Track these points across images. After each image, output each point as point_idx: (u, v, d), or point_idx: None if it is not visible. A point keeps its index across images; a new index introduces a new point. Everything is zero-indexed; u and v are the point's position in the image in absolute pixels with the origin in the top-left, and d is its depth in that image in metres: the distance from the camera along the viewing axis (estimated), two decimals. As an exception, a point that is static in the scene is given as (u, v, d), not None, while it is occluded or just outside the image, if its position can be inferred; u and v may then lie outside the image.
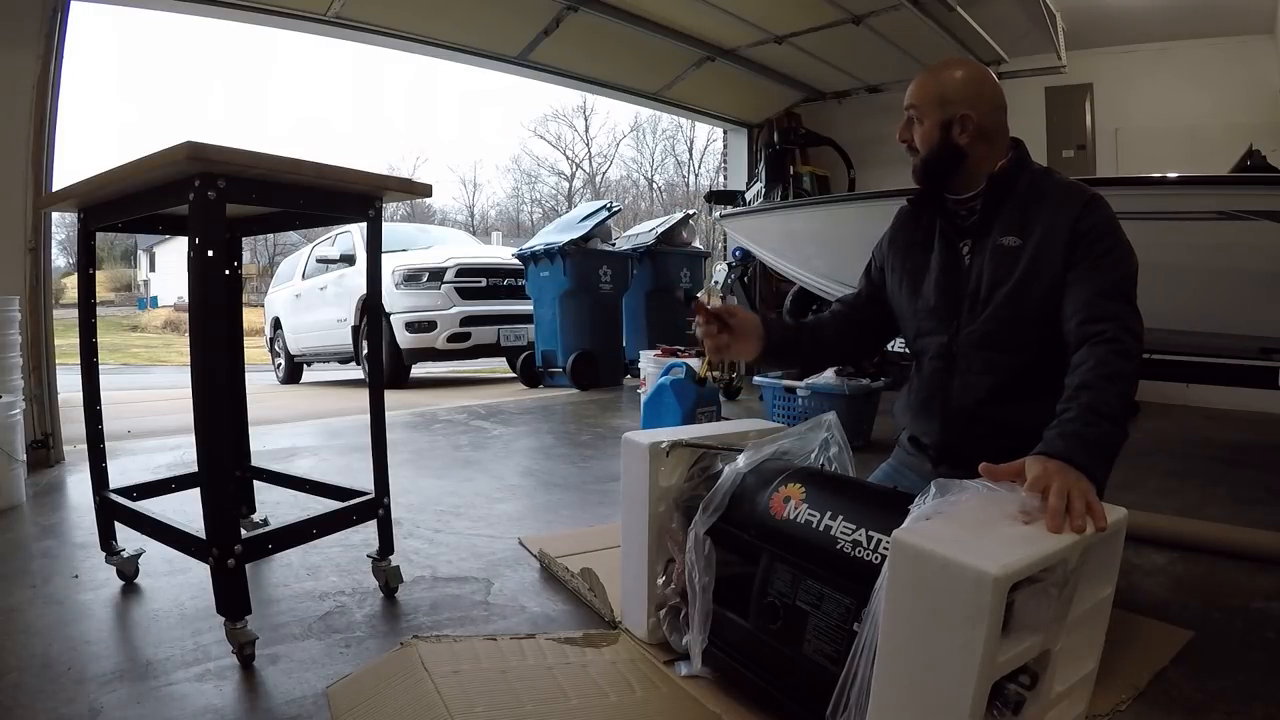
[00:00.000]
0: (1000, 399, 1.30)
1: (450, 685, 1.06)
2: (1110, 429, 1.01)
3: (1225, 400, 3.88)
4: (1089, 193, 1.27)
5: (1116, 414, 1.03)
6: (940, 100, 1.32)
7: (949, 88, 1.32)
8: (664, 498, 1.23)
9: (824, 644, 0.94)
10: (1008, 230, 1.29)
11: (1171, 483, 2.46)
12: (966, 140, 1.31)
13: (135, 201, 1.36)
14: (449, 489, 2.41)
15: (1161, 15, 4.29)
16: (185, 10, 3.44)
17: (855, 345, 1.58)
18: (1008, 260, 1.28)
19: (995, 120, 1.33)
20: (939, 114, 1.32)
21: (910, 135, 1.36)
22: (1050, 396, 1.14)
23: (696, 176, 27.53)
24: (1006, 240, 1.29)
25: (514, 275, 5.89)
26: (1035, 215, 1.28)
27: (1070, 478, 0.88)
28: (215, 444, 1.23)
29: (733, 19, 4.25)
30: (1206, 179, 2.49)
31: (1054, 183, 1.31)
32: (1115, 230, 1.23)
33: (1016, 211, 1.30)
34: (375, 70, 55.18)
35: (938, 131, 1.32)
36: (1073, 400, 1.05)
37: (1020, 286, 1.26)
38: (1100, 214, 1.24)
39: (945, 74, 1.34)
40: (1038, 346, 1.26)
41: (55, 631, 1.35)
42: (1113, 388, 1.05)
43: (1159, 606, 1.45)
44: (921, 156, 1.35)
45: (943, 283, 1.37)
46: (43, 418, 2.74)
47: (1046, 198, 1.28)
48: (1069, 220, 1.23)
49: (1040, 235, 1.25)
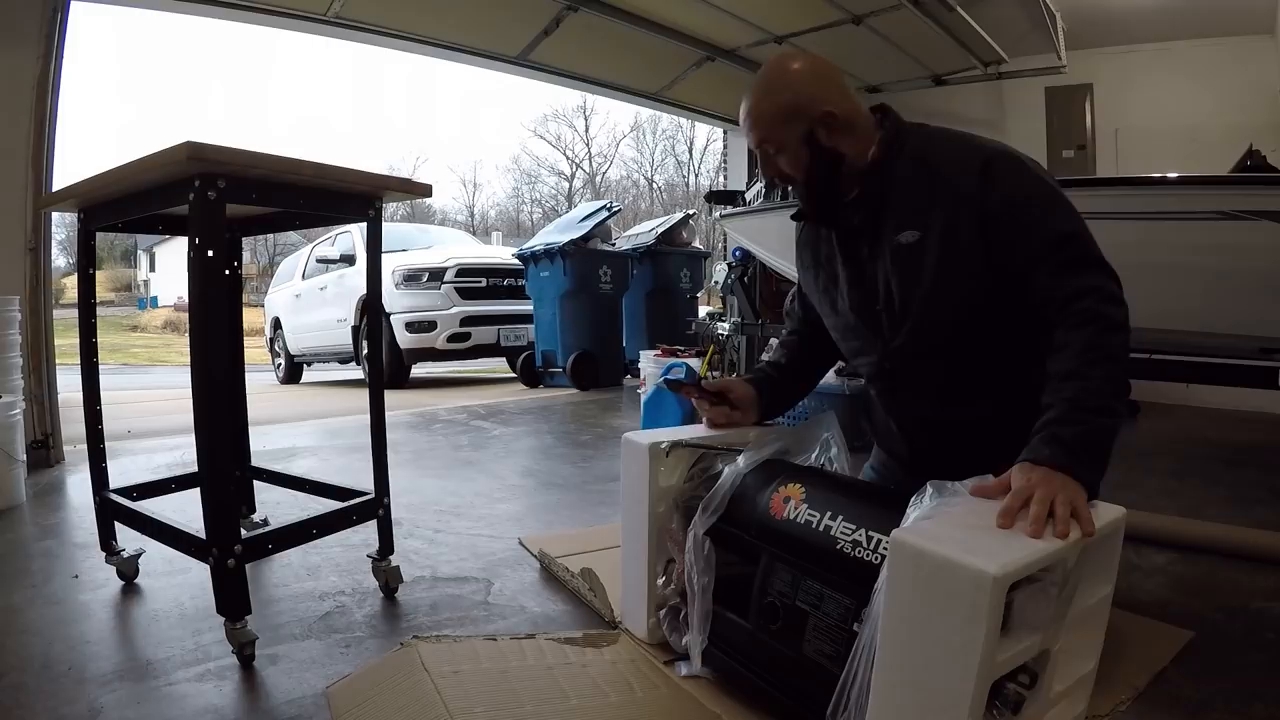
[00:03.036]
0: (951, 404, 1.19)
1: (450, 685, 1.06)
2: (1099, 422, 0.92)
3: (1225, 400, 3.88)
4: (983, 155, 1.09)
5: (1106, 402, 0.94)
6: (790, 114, 1.14)
7: (792, 94, 1.14)
8: (664, 498, 1.23)
9: (824, 644, 0.94)
10: (902, 224, 1.13)
11: (1171, 483, 2.46)
12: (837, 139, 1.15)
13: (135, 201, 1.36)
14: (449, 489, 2.41)
15: (1161, 15, 4.29)
16: (185, 10, 3.44)
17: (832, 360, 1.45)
18: (912, 260, 1.12)
19: (850, 103, 1.16)
20: (797, 129, 1.14)
21: (777, 168, 1.19)
22: (1009, 385, 1.11)
23: (696, 176, 27.58)
24: (903, 237, 1.13)
25: (514, 275, 5.89)
26: (930, 199, 1.11)
27: (1055, 485, 0.84)
28: (215, 444, 1.23)
29: (733, 19, 4.25)
30: (1206, 179, 2.49)
31: (942, 153, 1.13)
32: (1036, 186, 1.08)
33: (906, 199, 1.13)
34: (375, 70, 55.40)
35: (805, 149, 1.15)
36: (1057, 393, 0.95)
37: (935, 290, 1.11)
38: (1008, 179, 1.07)
39: (778, 83, 1.16)
40: (975, 343, 1.14)
41: (55, 631, 1.35)
42: (1099, 371, 0.95)
43: (1159, 606, 1.45)
44: (801, 181, 1.19)
45: (854, 299, 1.22)
46: (43, 418, 2.74)
47: (937, 175, 1.11)
48: (973, 200, 1.07)
49: (942, 224, 1.09)
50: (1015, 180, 1.08)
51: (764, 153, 1.20)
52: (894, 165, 1.15)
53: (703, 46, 4.66)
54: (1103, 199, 2.56)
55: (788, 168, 1.18)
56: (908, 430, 1.28)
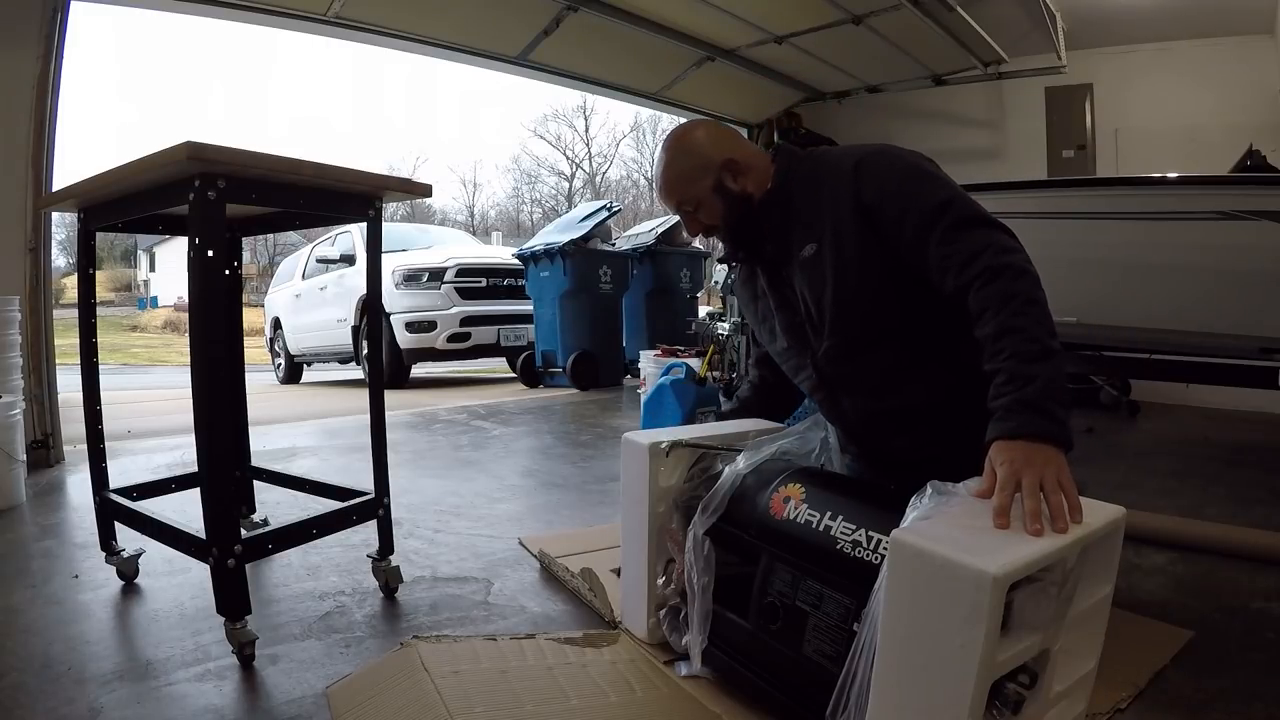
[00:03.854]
0: (888, 395, 1.20)
1: (450, 685, 1.06)
2: (1046, 367, 0.92)
3: (1225, 400, 3.88)
4: (855, 157, 1.16)
5: (1044, 345, 0.94)
6: (698, 172, 1.24)
7: (696, 154, 1.25)
8: (664, 498, 1.23)
9: (824, 644, 0.94)
10: (804, 240, 1.20)
11: (1171, 483, 2.45)
12: (744, 183, 1.24)
13: (135, 201, 1.36)
14: (449, 489, 2.41)
15: (1161, 15, 4.29)
16: (185, 10, 3.44)
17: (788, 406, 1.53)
18: (814, 270, 1.19)
19: (748, 150, 1.27)
20: (706, 182, 1.24)
21: (700, 224, 1.28)
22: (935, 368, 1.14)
23: (697, 176, 27.47)
24: (805, 251, 1.19)
25: (514, 275, 5.89)
26: (817, 212, 1.18)
27: (1038, 465, 0.84)
28: (215, 444, 1.23)
29: (733, 19, 4.25)
30: (1206, 179, 2.49)
31: (823, 167, 1.21)
32: (906, 171, 1.13)
33: (801, 217, 1.21)
34: (375, 70, 55.43)
35: (718, 198, 1.24)
36: (996, 356, 0.96)
37: (838, 289, 1.16)
38: (879, 174, 1.13)
39: (679, 149, 1.27)
40: (891, 334, 1.16)
41: (55, 631, 1.35)
42: (1024, 319, 0.95)
43: (1159, 606, 1.45)
44: (723, 228, 1.27)
45: (783, 321, 1.29)
46: (43, 418, 2.75)
47: (820, 188, 1.19)
48: (848, 201, 1.14)
49: (830, 229, 1.16)
50: (885, 170, 1.13)
51: (684, 214, 1.28)
52: (789, 190, 1.23)
53: (703, 46, 4.66)
54: (1103, 199, 2.56)
55: (707, 219, 1.27)
56: (852, 429, 1.29)
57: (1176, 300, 2.45)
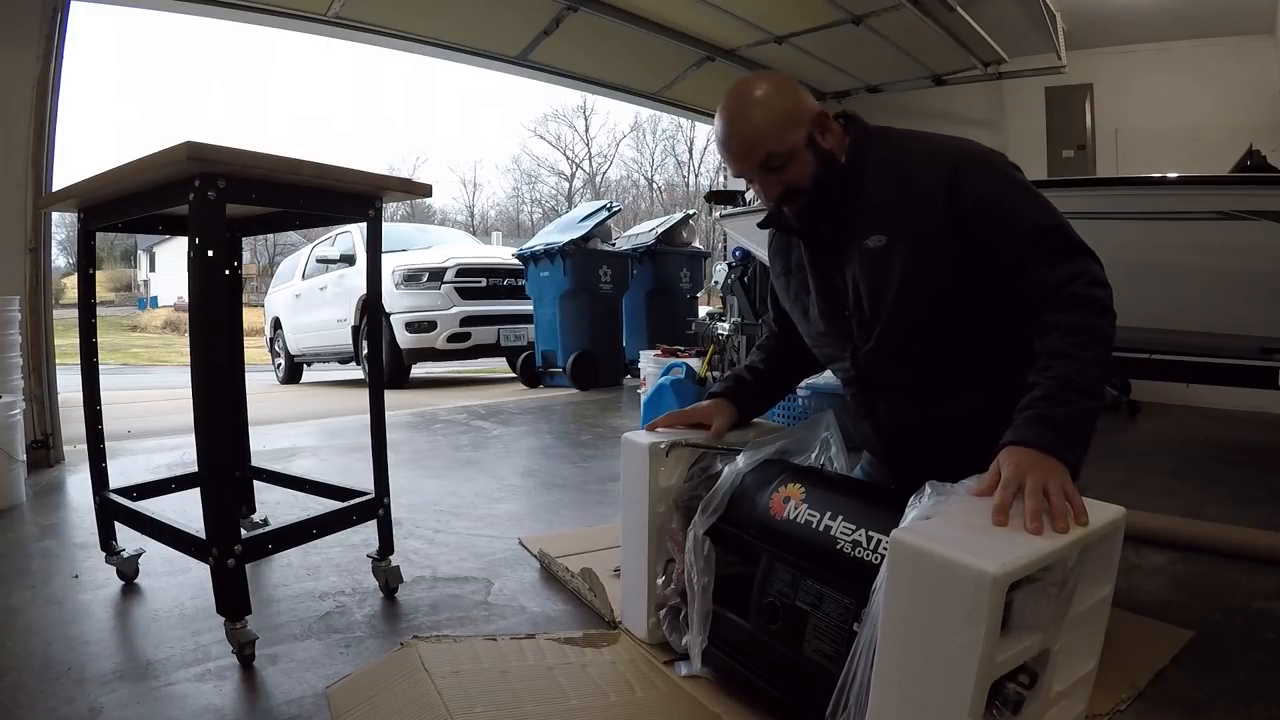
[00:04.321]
0: (924, 405, 1.18)
1: (450, 685, 1.06)
2: (1085, 404, 0.93)
3: (1225, 400, 3.88)
4: (952, 158, 1.09)
5: (1092, 384, 0.94)
6: (793, 120, 1.10)
7: (789, 100, 1.11)
8: (664, 498, 1.23)
9: (824, 644, 0.94)
10: (871, 228, 1.11)
11: (1171, 483, 2.45)
12: (830, 144, 1.13)
13: (135, 201, 1.36)
14: (449, 489, 2.41)
15: (1161, 15, 4.29)
16: (185, 10, 3.44)
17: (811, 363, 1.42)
18: (880, 264, 1.11)
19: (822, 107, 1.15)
20: (801, 133, 1.11)
21: (779, 187, 1.13)
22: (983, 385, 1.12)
23: (696, 176, 27.58)
24: (871, 241, 1.11)
25: (514, 275, 5.89)
26: (898, 203, 1.10)
27: (1044, 470, 0.84)
28: (215, 444, 1.23)
29: (733, 19, 4.25)
30: (1206, 179, 2.49)
31: (909, 157, 1.12)
32: (1008, 184, 1.08)
33: (873, 204, 1.12)
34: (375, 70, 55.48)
35: (810, 154, 1.12)
36: (1044, 371, 0.96)
37: (904, 294, 1.10)
38: (979, 180, 1.07)
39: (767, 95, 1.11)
40: (946, 344, 1.13)
41: (55, 631, 1.35)
42: (1088, 354, 0.95)
43: (1159, 606, 1.45)
44: (809, 189, 1.13)
45: (823, 305, 1.21)
46: (43, 418, 2.75)
47: (905, 180, 1.10)
48: (940, 203, 1.06)
49: (912, 228, 1.08)
50: (986, 180, 1.08)
51: (769, 168, 1.12)
52: (862, 169, 1.14)
53: (703, 46, 4.66)
54: (1103, 199, 2.56)
55: (795, 177, 1.12)
56: (883, 431, 1.26)
57: (1176, 300, 2.45)
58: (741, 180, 1.23)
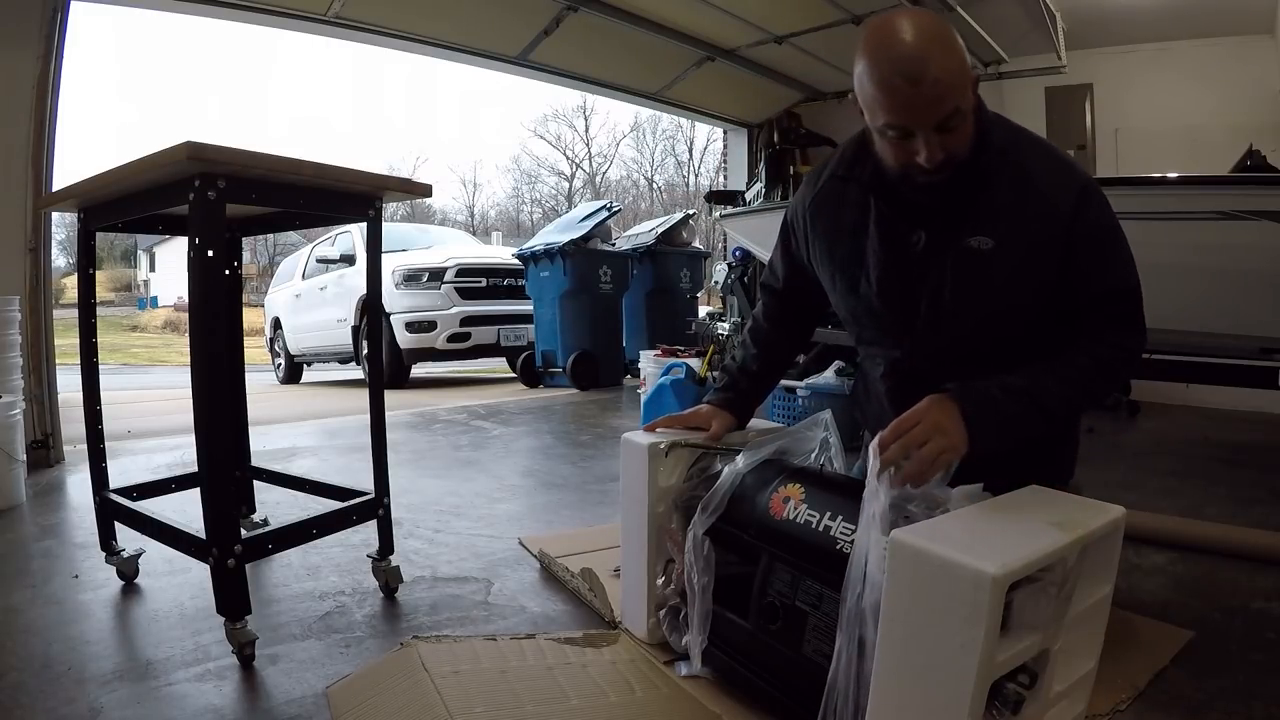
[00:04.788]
0: None
1: (450, 685, 1.06)
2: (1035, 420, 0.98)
3: (1225, 400, 3.88)
4: (1080, 181, 1.05)
5: (1053, 413, 0.99)
6: (968, 73, 0.96)
7: (962, 55, 0.96)
8: (663, 498, 1.23)
9: (823, 644, 0.94)
10: (979, 228, 1.04)
11: (1171, 483, 2.45)
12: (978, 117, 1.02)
13: (135, 201, 1.36)
14: (449, 489, 2.41)
15: (1161, 15, 4.29)
16: (185, 10, 3.44)
17: (804, 337, 1.40)
18: (978, 267, 1.05)
19: None
20: (971, 96, 0.97)
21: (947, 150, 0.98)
22: None
23: (696, 176, 27.58)
24: (976, 241, 1.04)
25: (514, 275, 5.89)
26: (1015, 211, 1.03)
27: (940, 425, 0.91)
28: (215, 444, 1.23)
29: (733, 19, 4.25)
30: (1206, 179, 2.49)
31: (1038, 165, 1.06)
32: (1116, 227, 1.07)
33: (992, 202, 1.04)
34: (375, 70, 55.43)
35: (972, 120, 1.00)
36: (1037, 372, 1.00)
37: (996, 302, 1.07)
38: (1098, 209, 1.05)
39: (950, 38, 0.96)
40: (1007, 353, 1.08)
41: (55, 631, 1.35)
42: (1071, 391, 1.01)
43: (1159, 606, 1.45)
44: (961, 159, 1.01)
45: (889, 285, 1.12)
46: (43, 418, 2.74)
47: (1033, 190, 1.04)
48: (1061, 224, 1.03)
49: (1025, 240, 1.03)
50: (1103, 216, 1.06)
51: (945, 128, 0.96)
52: (988, 161, 1.04)
53: (703, 46, 4.66)
54: (1102, 199, 2.56)
55: (959, 146, 0.99)
56: None
57: (1176, 300, 2.45)
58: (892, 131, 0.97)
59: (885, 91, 0.95)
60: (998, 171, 1.04)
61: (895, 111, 0.96)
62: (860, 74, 0.98)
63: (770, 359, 1.37)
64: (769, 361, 1.37)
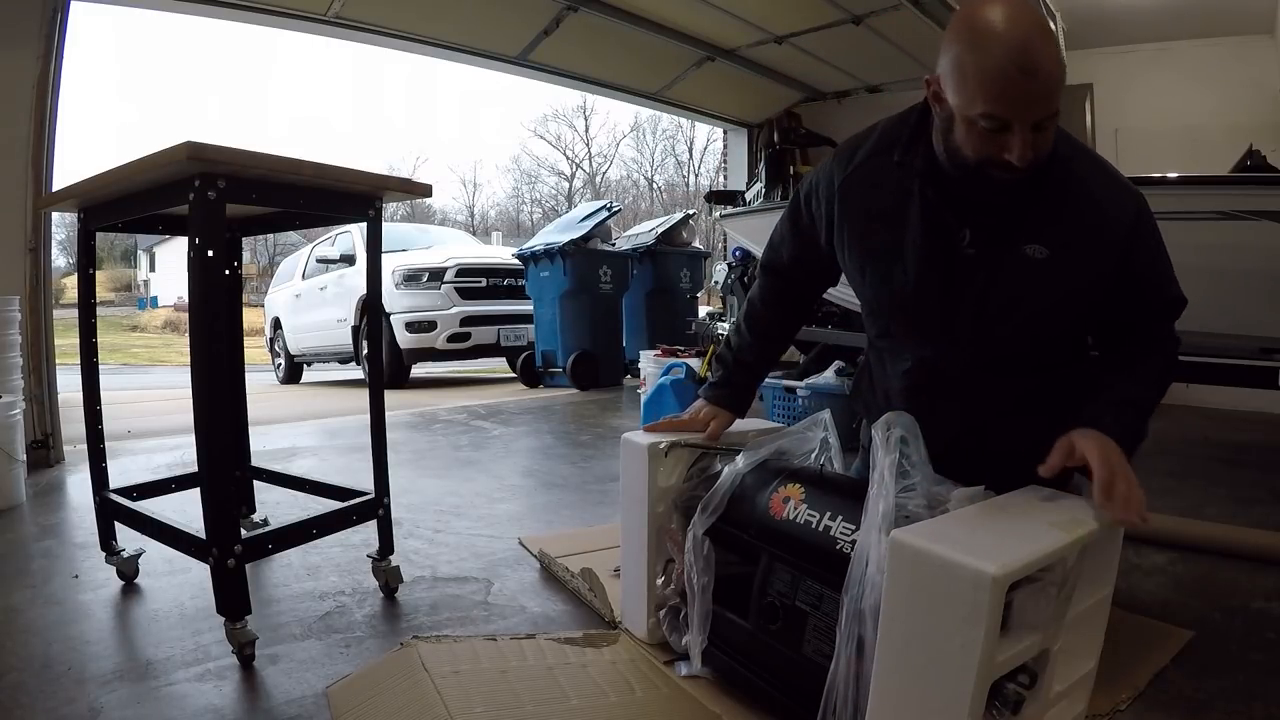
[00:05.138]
0: (1000, 422, 1.14)
1: (450, 685, 1.06)
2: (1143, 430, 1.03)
3: (1225, 400, 3.88)
4: (1135, 198, 1.05)
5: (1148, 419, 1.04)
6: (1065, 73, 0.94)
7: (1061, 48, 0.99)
8: (663, 498, 1.23)
9: (823, 644, 0.94)
10: (1036, 235, 1.01)
11: (1171, 483, 2.45)
12: None
13: (135, 201, 1.36)
14: (449, 489, 2.41)
15: (1161, 15, 4.29)
16: (185, 10, 3.44)
17: (800, 323, 1.38)
18: (1032, 276, 1.02)
19: None
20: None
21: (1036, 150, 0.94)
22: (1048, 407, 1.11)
23: (696, 176, 27.59)
24: (1032, 250, 1.01)
25: (514, 275, 5.89)
26: (1074, 224, 1.01)
27: (1130, 475, 0.91)
28: (215, 444, 1.23)
29: (733, 19, 4.25)
30: (1206, 179, 2.49)
31: (1098, 180, 1.04)
32: (1162, 244, 1.08)
33: (1052, 212, 1.02)
34: (375, 70, 55.47)
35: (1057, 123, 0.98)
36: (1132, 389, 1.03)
37: (1046, 315, 1.05)
38: (1153, 230, 1.06)
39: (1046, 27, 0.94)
40: (1041, 357, 1.10)
41: (55, 631, 1.35)
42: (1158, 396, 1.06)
43: (1159, 606, 1.45)
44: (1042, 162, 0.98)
45: (929, 281, 1.07)
46: (43, 418, 2.74)
47: (1094, 205, 1.02)
48: (1117, 240, 1.02)
49: (1082, 254, 1.01)
50: (1156, 233, 1.08)
51: (1041, 127, 0.93)
52: (1049, 170, 1.01)
53: (703, 46, 4.66)
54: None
55: (1046, 148, 0.97)
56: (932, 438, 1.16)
57: (1176, 300, 2.45)
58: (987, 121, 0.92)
59: (994, 79, 0.90)
60: (1061, 185, 1.03)
61: (999, 102, 0.90)
62: (960, 55, 0.93)
63: (765, 349, 1.36)
64: (764, 351, 1.36)
